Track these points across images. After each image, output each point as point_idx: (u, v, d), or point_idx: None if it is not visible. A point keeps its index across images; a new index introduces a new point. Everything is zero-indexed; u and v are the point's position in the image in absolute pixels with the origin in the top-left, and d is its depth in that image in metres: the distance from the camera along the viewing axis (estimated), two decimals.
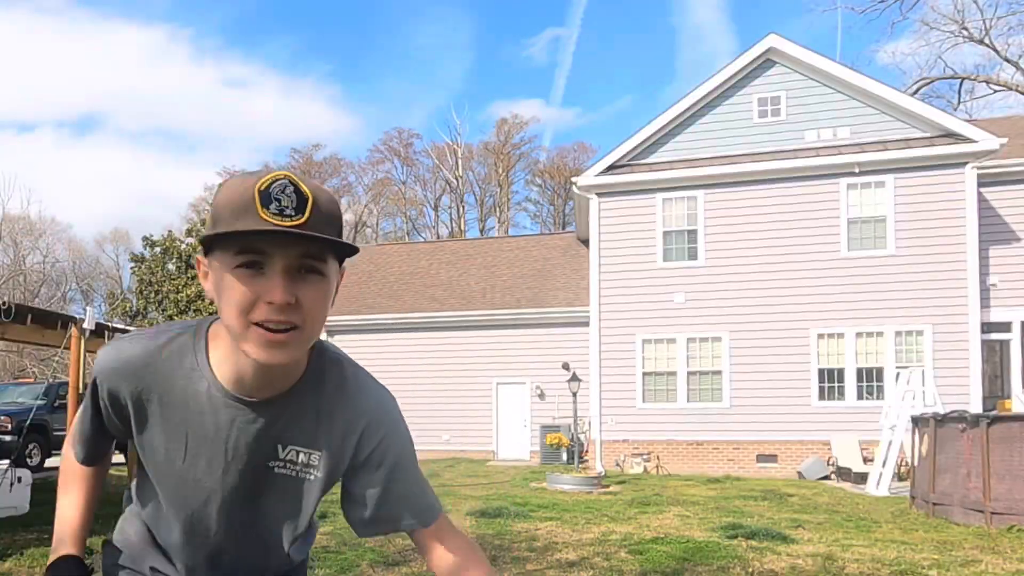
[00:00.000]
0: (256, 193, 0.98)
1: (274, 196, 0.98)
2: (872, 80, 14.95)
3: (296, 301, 1.01)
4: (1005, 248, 14.75)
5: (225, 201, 1.00)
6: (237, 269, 1.00)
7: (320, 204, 1.01)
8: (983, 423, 7.89)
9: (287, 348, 1.03)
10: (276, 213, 0.97)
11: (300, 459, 1.20)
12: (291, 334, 1.02)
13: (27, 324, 7.20)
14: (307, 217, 0.99)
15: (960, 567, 5.77)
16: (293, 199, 0.98)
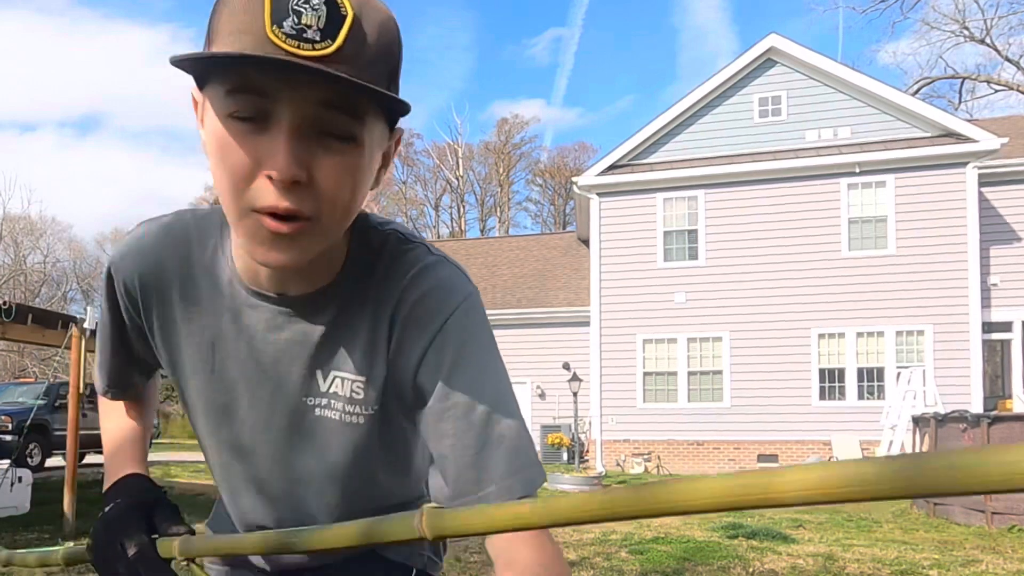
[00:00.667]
0: (267, 1, 0.65)
1: (293, 6, 0.65)
2: (873, 80, 14.95)
3: (309, 178, 0.70)
4: (1006, 248, 14.74)
5: (221, 4, 0.69)
6: (230, 120, 0.69)
7: (364, 27, 0.68)
8: (984, 423, 7.88)
9: (292, 246, 0.72)
10: (291, 35, 0.65)
11: (343, 389, 0.86)
12: (298, 225, 0.71)
13: (28, 324, 7.20)
14: (338, 45, 0.66)
15: (961, 567, 5.76)
16: (322, 13, 0.65)
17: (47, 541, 6.61)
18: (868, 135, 14.83)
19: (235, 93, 0.68)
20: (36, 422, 12.65)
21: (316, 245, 0.75)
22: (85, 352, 7.65)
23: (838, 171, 14.66)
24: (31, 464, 12.81)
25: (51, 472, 12.43)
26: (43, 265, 39.56)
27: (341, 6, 0.67)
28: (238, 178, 0.70)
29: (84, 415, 14.04)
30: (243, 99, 0.67)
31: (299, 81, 0.66)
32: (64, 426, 8.33)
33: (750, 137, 15.40)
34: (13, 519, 7.70)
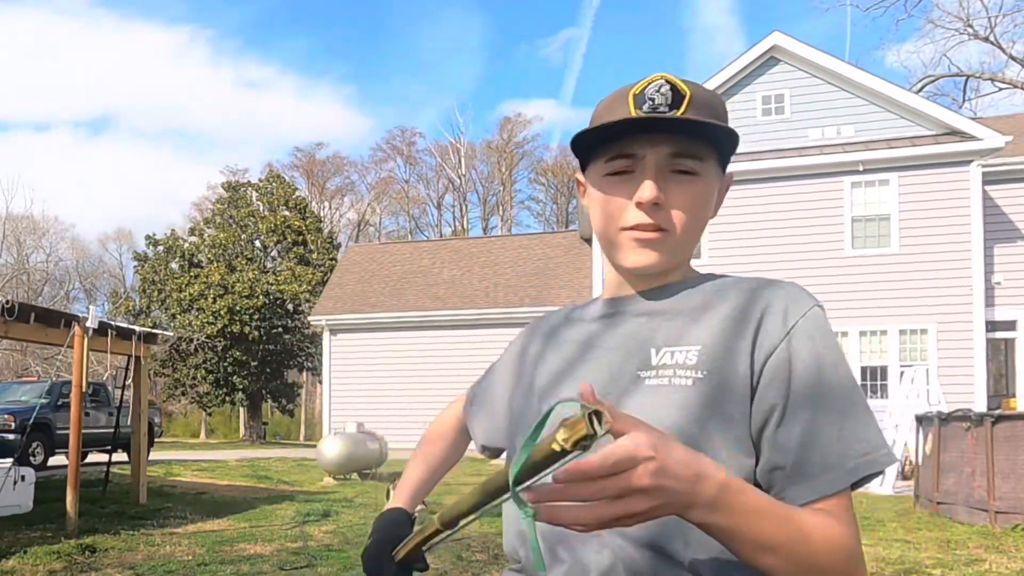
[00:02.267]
0: (630, 97, 0.93)
1: (648, 96, 0.92)
2: (876, 78, 14.91)
3: (665, 200, 0.93)
4: (1010, 246, 14.70)
5: (598, 110, 0.97)
6: (607, 177, 0.95)
7: (698, 98, 0.92)
8: (987, 422, 7.85)
9: (655, 249, 0.94)
10: (649, 111, 0.91)
11: (674, 359, 0.92)
12: (659, 235, 0.94)
13: (30, 323, 7.20)
14: (682, 111, 0.91)
15: (964, 566, 5.75)
16: (668, 96, 0.91)
17: (49, 540, 6.62)
18: (871, 133, 14.79)
19: (611, 161, 0.94)
20: (39, 421, 12.68)
21: (671, 254, 0.96)
22: (87, 351, 7.66)
23: (841, 169, 14.62)
24: (34, 463, 12.83)
25: (54, 471, 12.46)
26: (46, 264, 39.63)
27: (682, 90, 0.92)
28: (614, 212, 0.95)
29: (87, 414, 14.10)
30: (617, 163, 0.94)
31: (656, 139, 0.91)
32: (67, 425, 8.33)
33: (753, 135, 15.36)
34: (16, 518, 7.72)
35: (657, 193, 0.91)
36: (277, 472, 14.15)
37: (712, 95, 0.95)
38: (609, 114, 0.94)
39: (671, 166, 0.92)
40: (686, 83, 0.92)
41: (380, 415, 17.86)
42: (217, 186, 38.93)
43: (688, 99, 0.91)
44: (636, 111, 0.91)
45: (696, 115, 0.90)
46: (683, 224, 0.94)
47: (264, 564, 5.83)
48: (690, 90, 0.92)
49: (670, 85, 0.91)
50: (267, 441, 32.70)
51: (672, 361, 0.92)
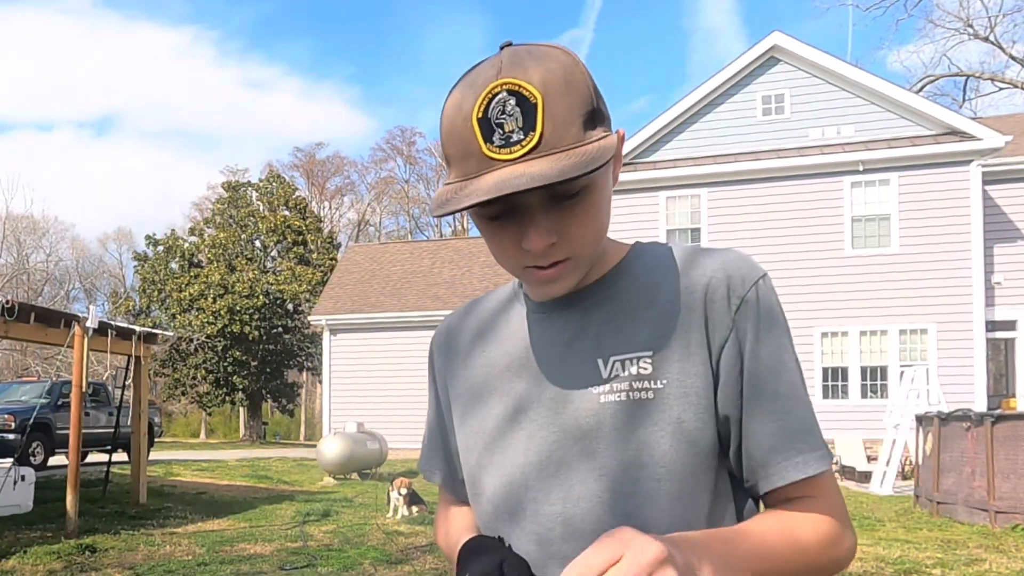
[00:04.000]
0: (475, 124, 0.78)
1: (495, 121, 0.78)
2: (876, 78, 14.90)
3: (559, 235, 0.83)
4: (1010, 246, 14.70)
5: (447, 136, 0.83)
6: (486, 222, 0.85)
7: (552, 103, 0.78)
8: (987, 422, 7.85)
9: (562, 281, 0.86)
10: (502, 145, 0.78)
11: (627, 370, 0.86)
12: (562, 267, 0.85)
13: (30, 323, 7.20)
14: (539, 132, 0.77)
15: (964, 566, 5.75)
16: (518, 115, 0.77)
17: (49, 540, 6.62)
18: (871, 133, 14.79)
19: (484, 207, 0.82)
20: (39, 421, 12.67)
21: (580, 272, 0.88)
22: (87, 351, 7.66)
23: (841, 169, 14.62)
24: (34, 463, 12.83)
25: (54, 471, 12.46)
26: (46, 264, 39.63)
27: (530, 96, 0.77)
28: (509, 254, 0.86)
29: (87, 414, 14.09)
30: (491, 209, 0.83)
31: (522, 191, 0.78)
32: (67, 425, 8.33)
33: (753, 135, 15.36)
34: (16, 517, 7.72)
35: (544, 242, 0.82)
36: (277, 472, 14.15)
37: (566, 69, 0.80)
38: (461, 157, 0.81)
39: (551, 199, 0.81)
40: (530, 82, 0.78)
41: (380, 415, 17.86)
42: (217, 186, 38.96)
43: (541, 109, 0.77)
44: (487, 147, 0.78)
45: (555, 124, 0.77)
46: (584, 242, 0.85)
47: (264, 564, 5.83)
48: (539, 92, 0.77)
49: (516, 97, 0.77)
50: (267, 441, 32.71)
51: (625, 372, 0.85)
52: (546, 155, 0.77)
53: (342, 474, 12.62)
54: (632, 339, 0.87)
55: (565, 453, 0.87)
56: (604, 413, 0.85)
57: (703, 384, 0.85)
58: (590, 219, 0.85)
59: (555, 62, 0.80)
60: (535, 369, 0.91)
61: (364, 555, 6.09)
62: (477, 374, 0.98)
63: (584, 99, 0.80)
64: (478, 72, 0.82)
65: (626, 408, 0.85)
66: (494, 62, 0.81)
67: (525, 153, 0.77)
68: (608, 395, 0.85)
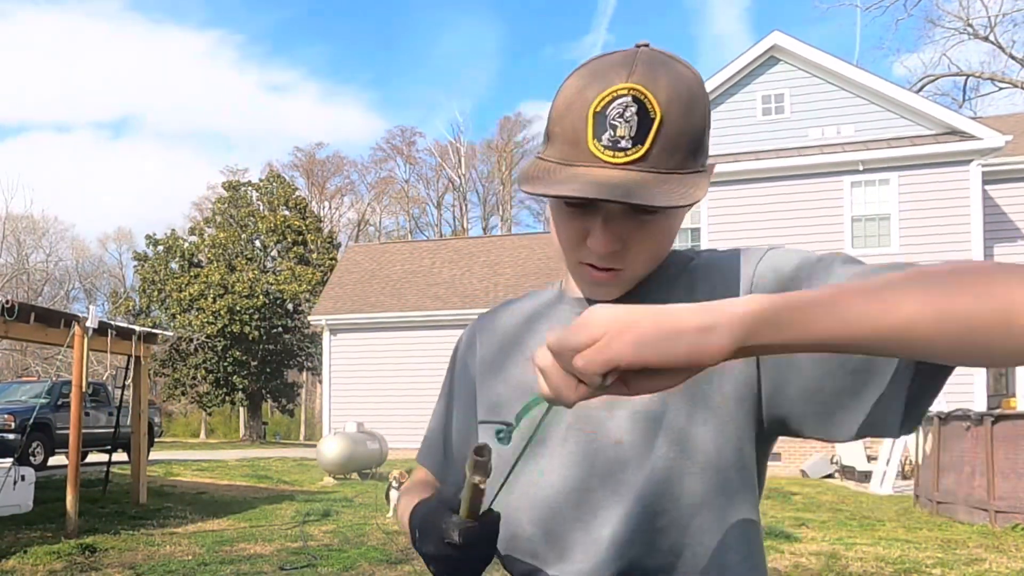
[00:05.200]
0: (590, 116, 0.80)
1: (610, 121, 0.79)
2: (876, 77, 14.90)
3: (623, 246, 0.86)
4: (1010, 246, 14.70)
5: (559, 114, 0.84)
6: (563, 205, 0.87)
7: (669, 123, 0.80)
8: (987, 421, 7.85)
9: (611, 288, 0.90)
10: (608, 147, 0.80)
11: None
12: (616, 275, 0.89)
13: (30, 323, 7.20)
14: (646, 148, 0.79)
15: (964, 566, 5.75)
16: (634, 124, 0.79)
17: (49, 540, 6.62)
18: (871, 133, 14.79)
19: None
20: (39, 421, 12.67)
21: (629, 285, 0.91)
22: (87, 351, 7.66)
23: (841, 169, 14.62)
24: (34, 463, 12.83)
25: (54, 471, 12.46)
26: (46, 264, 39.64)
27: (651, 110, 0.79)
28: (570, 242, 0.89)
29: (87, 414, 14.09)
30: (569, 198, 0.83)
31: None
32: (67, 425, 8.33)
33: (753, 135, 15.36)
34: (16, 517, 7.72)
35: (610, 247, 0.85)
36: (277, 472, 14.16)
37: (691, 95, 0.81)
38: (567, 142, 0.83)
39: (629, 210, 0.84)
40: (656, 96, 0.79)
41: (380, 415, 17.86)
42: (217, 186, 38.96)
43: (656, 126, 0.79)
44: (595, 144, 0.80)
45: (664, 148, 0.80)
46: (642, 262, 0.88)
47: (264, 564, 5.83)
48: (661, 110, 0.79)
49: (638, 105, 0.79)
50: (267, 441, 32.71)
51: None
52: (646, 172, 0.80)
53: (342, 474, 12.62)
54: None
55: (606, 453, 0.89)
56: (633, 423, 0.88)
57: (748, 385, 0.85)
58: (656, 240, 0.87)
59: (685, 85, 0.81)
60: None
61: (364, 555, 6.09)
62: (519, 372, 0.98)
63: (697, 130, 0.83)
64: (609, 65, 0.83)
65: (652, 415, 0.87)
66: (627, 60, 0.82)
67: (628, 162, 0.80)
68: (636, 404, 0.88)
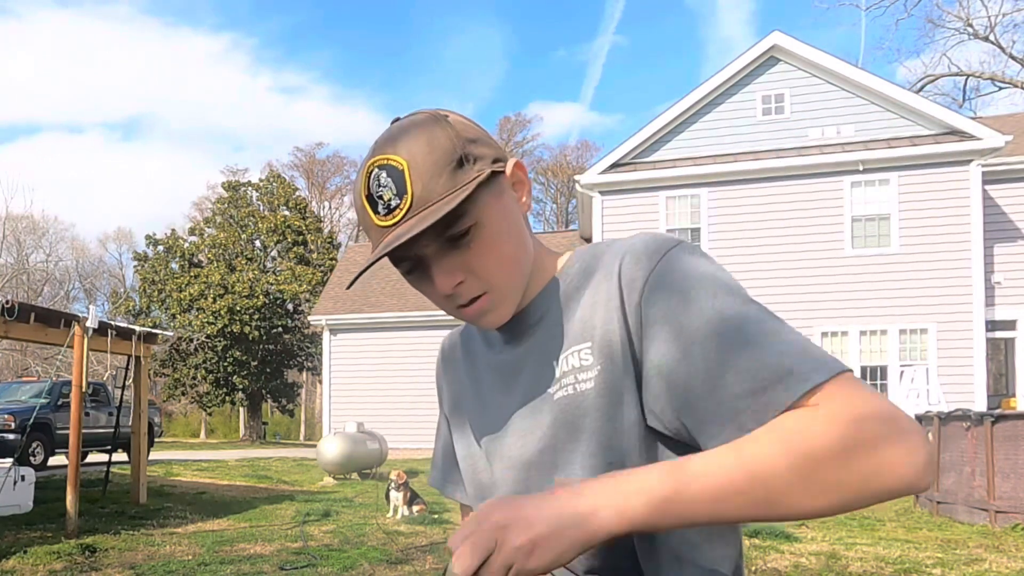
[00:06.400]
0: (364, 202, 0.89)
1: (376, 195, 0.87)
2: (876, 77, 14.90)
3: (465, 273, 0.88)
4: (1010, 246, 14.70)
5: (357, 216, 0.94)
6: (407, 278, 0.93)
7: (417, 164, 0.85)
8: (987, 421, 7.85)
9: (491, 313, 0.91)
10: (385, 213, 0.86)
11: (569, 364, 0.89)
12: (483, 301, 0.90)
13: (30, 323, 7.21)
14: (410, 194, 0.85)
15: (964, 565, 5.75)
16: (390, 185, 0.86)
17: (49, 540, 6.62)
18: (871, 133, 14.79)
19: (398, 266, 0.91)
20: (39, 421, 12.68)
21: (508, 301, 0.92)
22: (87, 351, 7.66)
23: (841, 169, 14.62)
24: (34, 463, 12.83)
25: (54, 471, 12.46)
26: (46, 264, 39.64)
27: (397, 164, 0.86)
28: (438, 301, 0.93)
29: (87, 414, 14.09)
30: (402, 267, 0.91)
31: (411, 246, 0.86)
32: (66, 425, 8.33)
33: (753, 135, 15.36)
34: (16, 517, 7.72)
35: (452, 281, 0.88)
36: (277, 472, 14.16)
37: (428, 135, 0.87)
38: (362, 224, 0.91)
39: (444, 244, 0.87)
40: (396, 152, 0.86)
41: (380, 415, 17.86)
42: (217, 186, 38.96)
43: (408, 173, 0.85)
44: (376, 218, 0.87)
45: (424, 182, 0.85)
46: (493, 274, 0.89)
47: (264, 564, 5.83)
48: (404, 158, 0.85)
49: (385, 170, 0.86)
50: (267, 441, 32.71)
51: (570, 367, 0.88)
52: (421, 211, 0.85)
53: (342, 474, 12.62)
54: (576, 334, 0.89)
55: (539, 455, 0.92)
56: (555, 408, 0.90)
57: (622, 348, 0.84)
58: (491, 251, 0.88)
59: (418, 128, 0.88)
60: (516, 379, 0.97)
61: (364, 555, 6.09)
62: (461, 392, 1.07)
63: (447, 152, 0.86)
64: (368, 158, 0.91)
65: (574, 399, 0.88)
66: (373, 144, 0.90)
67: (404, 215, 0.86)
68: (559, 392, 0.89)
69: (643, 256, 0.84)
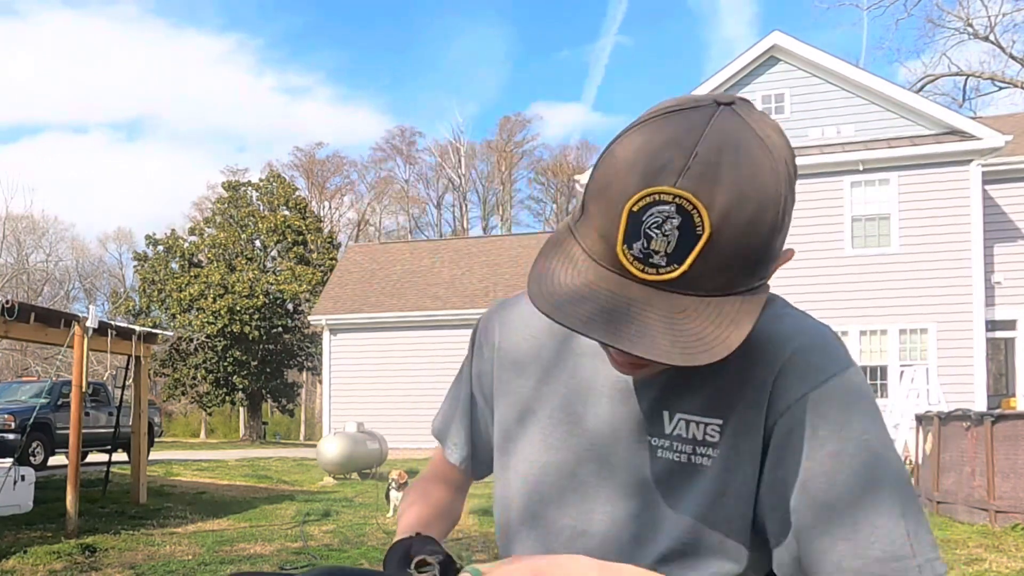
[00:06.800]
0: (624, 216, 0.66)
1: (646, 228, 0.65)
2: (876, 77, 14.91)
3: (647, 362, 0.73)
4: (1010, 246, 14.70)
5: (598, 191, 0.69)
6: None
7: (721, 243, 0.65)
8: (987, 421, 7.85)
9: (641, 371, 0.80)
10: (638, 257, 0.66)
11: (691, 433, 0.80)
12: (642, 367, 0.78)
13: (30, 323, 7.20)
14: (683, 270, 0.66)
15: (964, 565, 5.75)
16: (673, 239, 0.64)
17: (49, 540, 6.62)
18: (871, 133, 14.79)
19: None
20: (39, 420, 12.68)
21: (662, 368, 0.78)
22: (87, 351, 7.66)
23: (841, 169, 14.62)
24: (34, 463, 12.83)
25: (54, 471, 12.46)
26: (46, 264, 39.64)
27: (699, 225, 0.64)
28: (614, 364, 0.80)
29: (87, 414, 14.09)
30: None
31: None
32: (66, 425, 8.33)
33: None
34: (16, 517, 7.72)
35: (625, 371, 0.78)
36: (277, 472, 14.16)
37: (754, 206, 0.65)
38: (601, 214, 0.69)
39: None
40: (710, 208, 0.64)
41: (380, 415, 17.86)
42: (217, 185, 38.96)
43: (702, 246, 0.65)
44: (623, 250, 0.67)
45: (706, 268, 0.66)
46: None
47: (264, 564, 5.83)
48: (712, 226, 0.64)
49: (681, 218, 0.64)
50: (267, 441, 32.71)
51: (689, 435, 0.80)
52: (674, 292, 0.67)
53: (342, 474, 12.62)
54: (704, 403, 0.80)
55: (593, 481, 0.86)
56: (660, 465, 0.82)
57: (752, 460, 0.79)
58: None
59: (756, 189, 0.65)
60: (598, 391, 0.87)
61: (364, 555, 6.09)
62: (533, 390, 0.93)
63: (759, 248, 0.67)
64: (665, 144, 0.66)
65: (685, 469, 0.81)
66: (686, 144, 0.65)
67: (658, 282, 0.67)
68: (666, 452, 0.82)
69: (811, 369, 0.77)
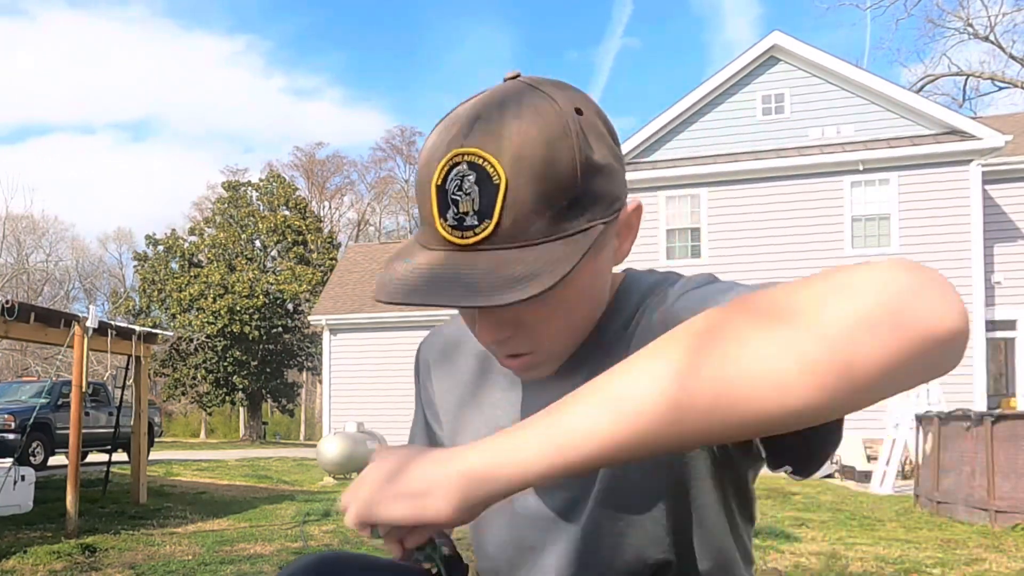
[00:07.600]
0: (433, 191, 0.69)
1: (451, 196, 0.67)
2: (876, 77, 14.91)
3: (514, 330, 0.73)
4: (1010, 246, 14.70)
5: (417, 184, 0.73)
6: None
7: (518, 187, 0.66)
8: (987, 421, 7.85)
9: (535, 370, 0.78)
10: (454, 225, 0.68)
11: None
12: (524, 360, 0.76)
13: (30, 323, 7.20)
14: (495, 222, 0.66)
15: (964, 566, 5.75)
16: (475, 195, 0.66)
17: (49, 540, 6.62)
18: (871, 132, 14.79)
19: None
20: (39, 420, 12.68)
21: (554, 362, 0.78)
22: (87, 351, 7.66)
23: (841, 169, 14.62)
24: (34, 462, 12.84)
25: (54, 471, 12.46)
26: (45, 264, 39.64)
27: (494, 175, 0.66)
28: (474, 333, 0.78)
29: (87, 414, 14.09)
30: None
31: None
32: (66, 424, 8.33)
33: (753, 135, 15.36)
34: (16, 517, 7.72)
35: (493, 337, 0.74)
36: (277, 472, 14.16)
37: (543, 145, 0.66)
38: (421, 206, 0.72)
39: None
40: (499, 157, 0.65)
41: (380, 415, 17.86)
42: (217, 185, 38.96)
43: (502, 196, 0.65)
44: (441, 223, 0.68)
45: (517, 213, 0.66)
46: (549, 339, 0.75)
47: (264, 564, 5.83)
48: (505, 173, 0.65)
49: (476, 174, 0.66)
50: (267, 441, 32.71)
51: None
52: (500, 248, 0.67)
53: (342, 474, 12.62)
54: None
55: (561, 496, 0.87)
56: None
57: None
58: (559, 317, 0.73)
59: (540, 129, 0.66)
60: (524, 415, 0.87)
61: None
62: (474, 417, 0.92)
63: (562, 185, 0.66)
64: (455, 119, 0.70)
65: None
66: (470, 111, 0.69)
67: (477, 242, 0.67)
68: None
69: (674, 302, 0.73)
